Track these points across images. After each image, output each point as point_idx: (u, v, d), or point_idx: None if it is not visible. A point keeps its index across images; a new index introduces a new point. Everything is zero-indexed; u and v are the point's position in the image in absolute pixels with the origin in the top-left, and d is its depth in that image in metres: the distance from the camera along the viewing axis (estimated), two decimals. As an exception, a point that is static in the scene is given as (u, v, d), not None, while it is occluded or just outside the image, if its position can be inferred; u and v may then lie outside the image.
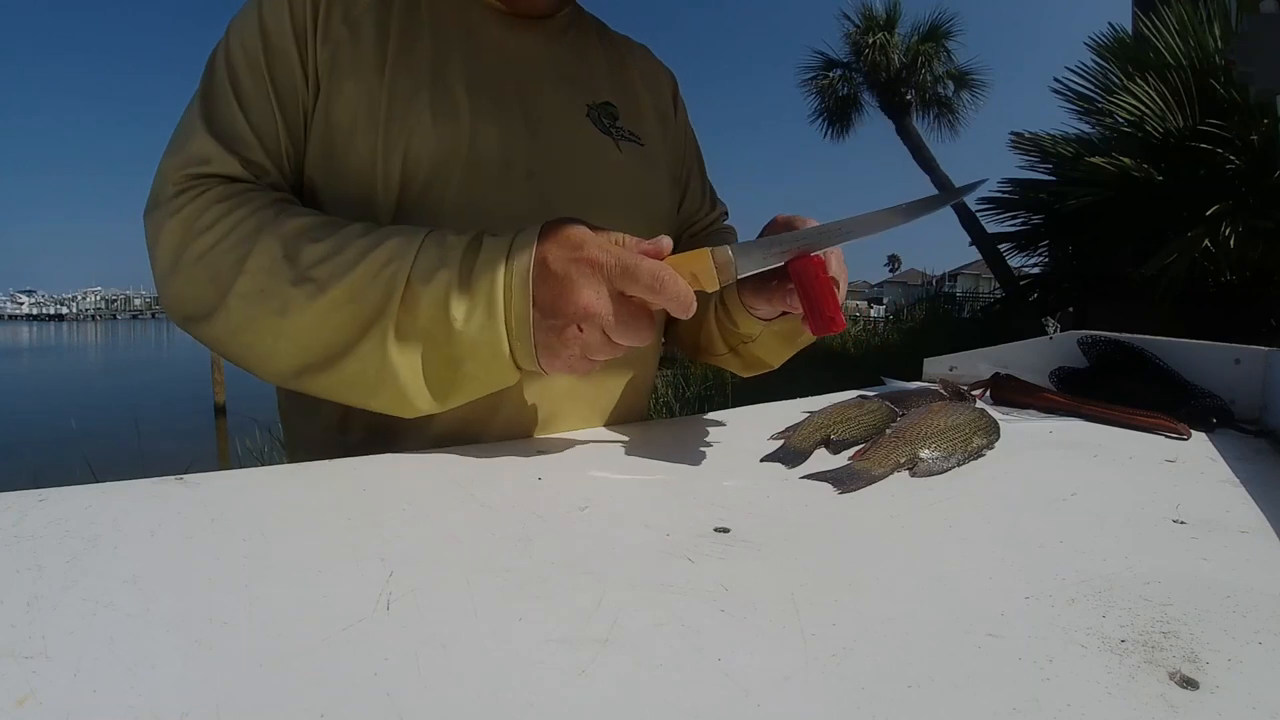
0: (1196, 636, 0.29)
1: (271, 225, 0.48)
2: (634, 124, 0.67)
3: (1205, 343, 0.84)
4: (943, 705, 0.23)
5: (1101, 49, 5.10)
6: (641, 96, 0.71)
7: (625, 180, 0.64)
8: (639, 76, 0.72)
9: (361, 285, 0.46)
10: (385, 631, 0.26)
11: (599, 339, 0.45)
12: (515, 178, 0.57)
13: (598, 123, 0.64)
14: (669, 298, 0.44)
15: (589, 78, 0.66)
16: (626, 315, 0.44)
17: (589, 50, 0.68)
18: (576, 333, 0.45)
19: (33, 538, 0.33)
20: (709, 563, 0.34)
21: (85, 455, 3.16)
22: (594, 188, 0.61)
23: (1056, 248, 6.00)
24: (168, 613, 0.27)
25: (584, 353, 0.46)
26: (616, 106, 0.66)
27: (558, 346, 0.46)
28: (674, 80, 0.78)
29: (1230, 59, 3.90)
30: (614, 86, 0.68)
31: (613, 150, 0.63)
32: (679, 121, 0.76)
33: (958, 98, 10.04)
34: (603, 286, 0.44)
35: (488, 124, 0.56)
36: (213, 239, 0.48)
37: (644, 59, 0.75)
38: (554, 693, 0.23)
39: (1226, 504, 0.47)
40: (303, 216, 0.49)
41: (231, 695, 0.22)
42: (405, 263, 0.46)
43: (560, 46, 0.65)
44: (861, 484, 0.47)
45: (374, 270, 0.46)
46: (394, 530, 0.36)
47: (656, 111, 0.72)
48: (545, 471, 0.48)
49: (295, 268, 0.46)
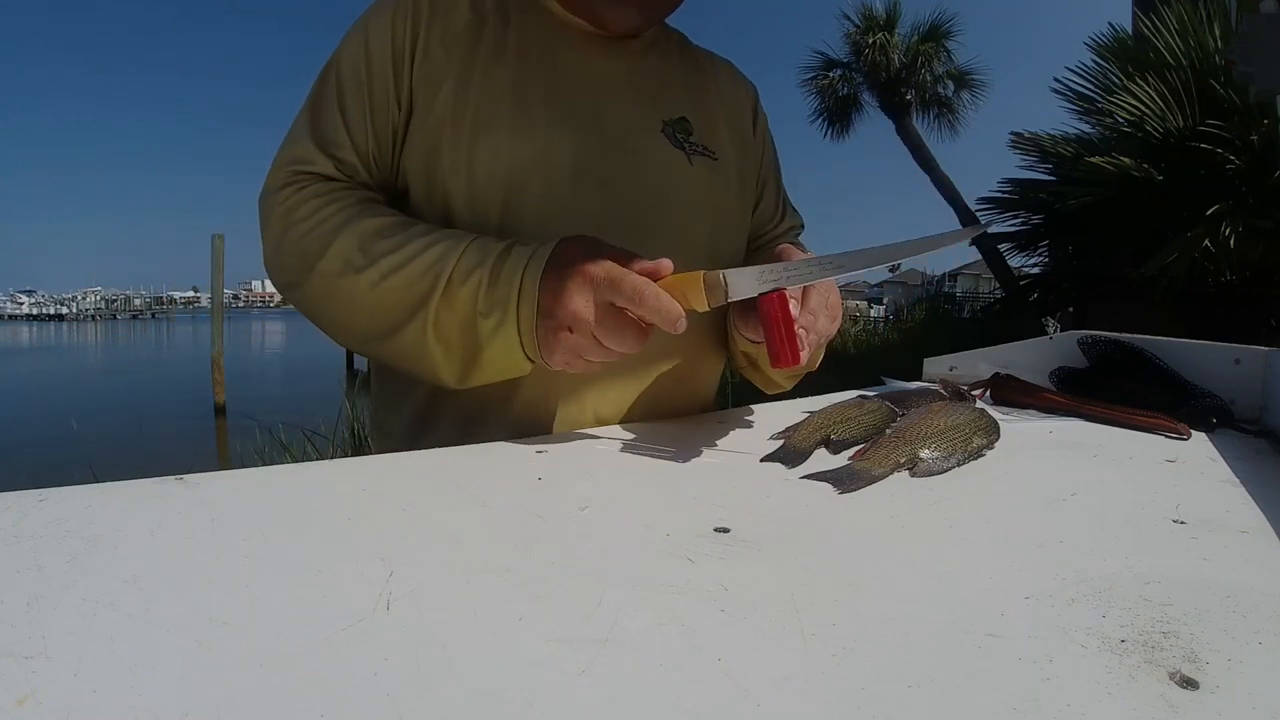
0: (1196, 636, 0.29)
1: (353, 221, 0.57)
2: (708, 139, 0.70)
3: (1205, 343, 0.84)
4: (943, 705, 0.23)
5: (1101, 49, 5.09)
6: (718, 112, 0.73)
7: (695, 192, 0.67)
8: (718, 92, 0.75)
9: (414, 277, 0.54)
10: (385, 631, 0.26)
11: (588, 342, 0.51)
12: (590, 186, 0.61)
13: (671, 138, 0.67)
14: (649, 310, 0.48)
15: (666, 94, 0.69)
16: (612, 323, 0.50)
17: (669, 68, 0.71)
18: (567, 334, 0.51)
19: (33, 538, 0.33)
20: (709, 563, 0.34)
21: (86, 455, 3.17)
22: (664, 198, 0.65)
23: (1056, 248, 5.99)
24: (168, 613, 0.27)
25: (576, 352, 0.52)
26: (691, 122, 0.69)
27: (553, 345, 0.52)
28: (754, 94, 0.80)
29: (1230, 59, 3.90)
30: (691, 103, 0.71)
31: (684, 163, 0.67)
32: (758, 135, 0.79)
33: (958, 98, 10.03)
34: (591, 295, 0.49)
35: (564, 136, 0.61)
36: (307, 227, 0.57)
37: (725, 74, 0.78)
38: (554, 693, 0.23)
39: (1226, 504, 0.47)
40: (380, 216, 0.57)
41: (231, 695, 0.22)
42: (449, 263, 0.53)
43: (641, 64, 0.69)
44: (861, 484, 0.47)
45: (425, 266, 0.54)
46: (394, 530, 0.36)
47: (733, 127, 0.75)
48: (545, 471, 0.48)
49: (366, 257, 0.55)
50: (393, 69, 0.60)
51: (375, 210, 0.58)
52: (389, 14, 0.61)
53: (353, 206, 0.58)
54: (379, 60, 0.60)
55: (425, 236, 0.55)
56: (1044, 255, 6.25)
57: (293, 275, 0.59)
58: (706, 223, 0.68)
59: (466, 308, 0.53)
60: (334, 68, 0.62)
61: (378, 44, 0.60)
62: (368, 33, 0.61)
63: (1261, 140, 3.96)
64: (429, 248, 0.54)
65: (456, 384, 0.57)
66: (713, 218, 0.69)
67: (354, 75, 0.61)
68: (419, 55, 0.60)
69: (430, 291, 0.53)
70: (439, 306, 0.54)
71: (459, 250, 0.54)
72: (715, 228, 0.69)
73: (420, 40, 0.60)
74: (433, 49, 0.60)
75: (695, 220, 0.67)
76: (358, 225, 0.56)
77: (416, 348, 0.55)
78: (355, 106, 0.60)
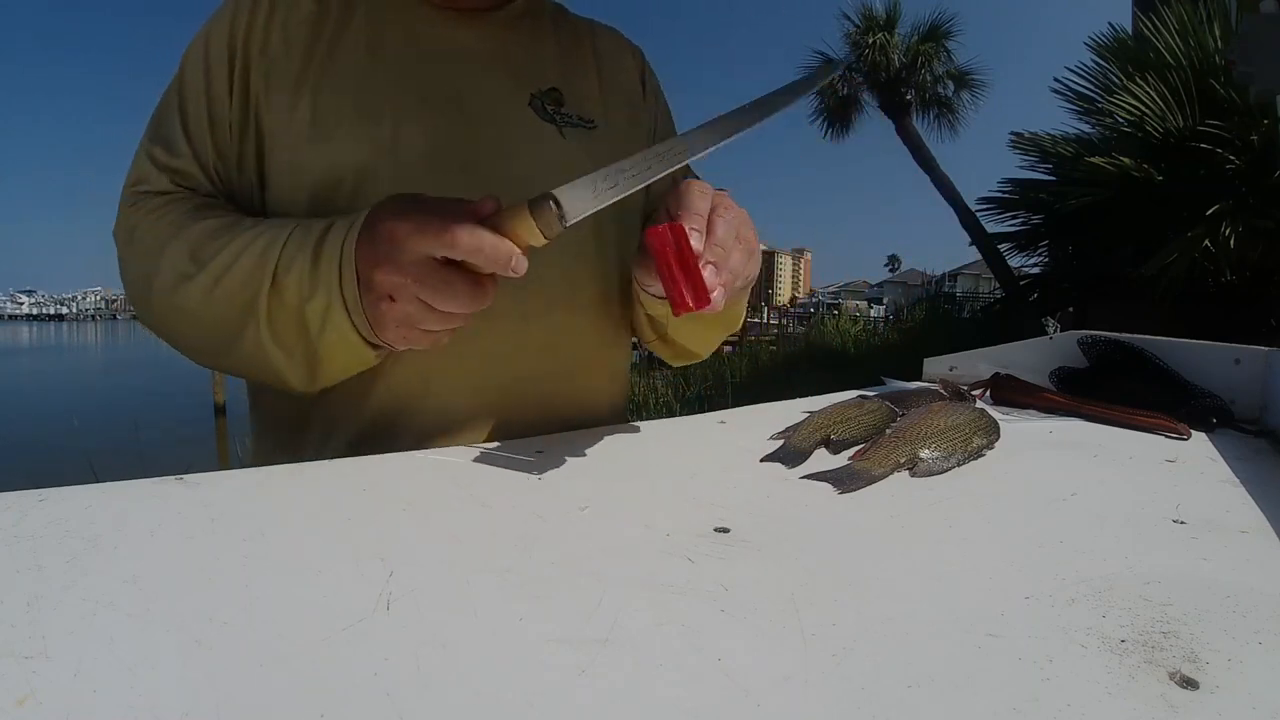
0: (1196, 636, 0.29)
1: (184, 229, 0.53)
2: (584, 108, 0.67)
3: (1205, 343, 0.84)
4: (943, 705, 0.23)
5: (1101, 49, 5.09)
6: (597, 80, 0.70)
7: (569, 164, 0.62)
8: (597, 59, 0.71)
9: (244, 277, 0.50)
10: (385, 631, 0.26)
11: (415, 308, 0.45)
12: (449, 172, 0.58)
13: (540, 110, 0.64)
14: (470, 252, 0.42)
15: (535, 66, 0.66)
16: (435, 280, 0.43)
17: (539, 39, 0.68)
18: (389, 303, 0.46)
19: (33, 538, 0.33)
20: (709, 563, 0.34)
21: (86, 455, 3.16)
22: (534, 174, 0.60)
23: (1056, 248, 5.99)
24: (168, 613, 0.27)
25: (408, 323, 0.46)
26: (563, 92, 0.66)
27: (382, 319, 0.46)
28: (641, 56, 0.77)
29: (1230, 59, 3.90)
30: (564, 72, 0.68)
31: (555, 136, 0.63)
32: (648, 96, 0.76)
33: (958, 98, 10.02)
34: (404, 254, 0.44)
35: (413, 123, 0.57)
36: (144, 246, 0.55)
37: (607, 40, 0.74)
38: (554, 693, 0.23)
39: (1226, 504, 0.47)
40: (211, 219, 0.53)
41: (231, 695, 0.22)
42: (274, 253, 0.49)
43: (507, 37, 0.65)
44: (861, 484, 0.47)
45: (252, 262, 0.50)
46: (394, 530, 0.36)
47: (619, 91, 0.72)
48: (545, 471, 0.48)
49: (196, 263, 0.51)
50: (229, 70, 0.57)
51: (208, 213, 0.55)
52: (229, 14, 0.58)
53: (186, 214, 0.54)
54: (217, 63, 0.57)
55: (251, 230, 0.51)
56: (1044, 255, 6.25)
57: (139, 299, 0.56)
58: None
59: (294, 297, 0.49)
60: (178, 76, 0.59)
61: (216, 46, 0.57)
62: (208, 36, 0.58)
63: (1261, 140, 3.96)
64: (254, 240, 0.50)
65: (306, 387, 0.53)
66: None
67: (194, 80, 0.58)
68: (256, 53, 0.57)
69: (259, 289, 0.49)
70: (269, 302, 0.49)
71: (283, 238, 0.50)
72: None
73: (258, 37, 0.57)
74: (272, 45, 0.57)
75: None
76: (187, 231, 0.53)
77: (258, 352, 0.51)
78: (195, 113, 0.57)
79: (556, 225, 0.43)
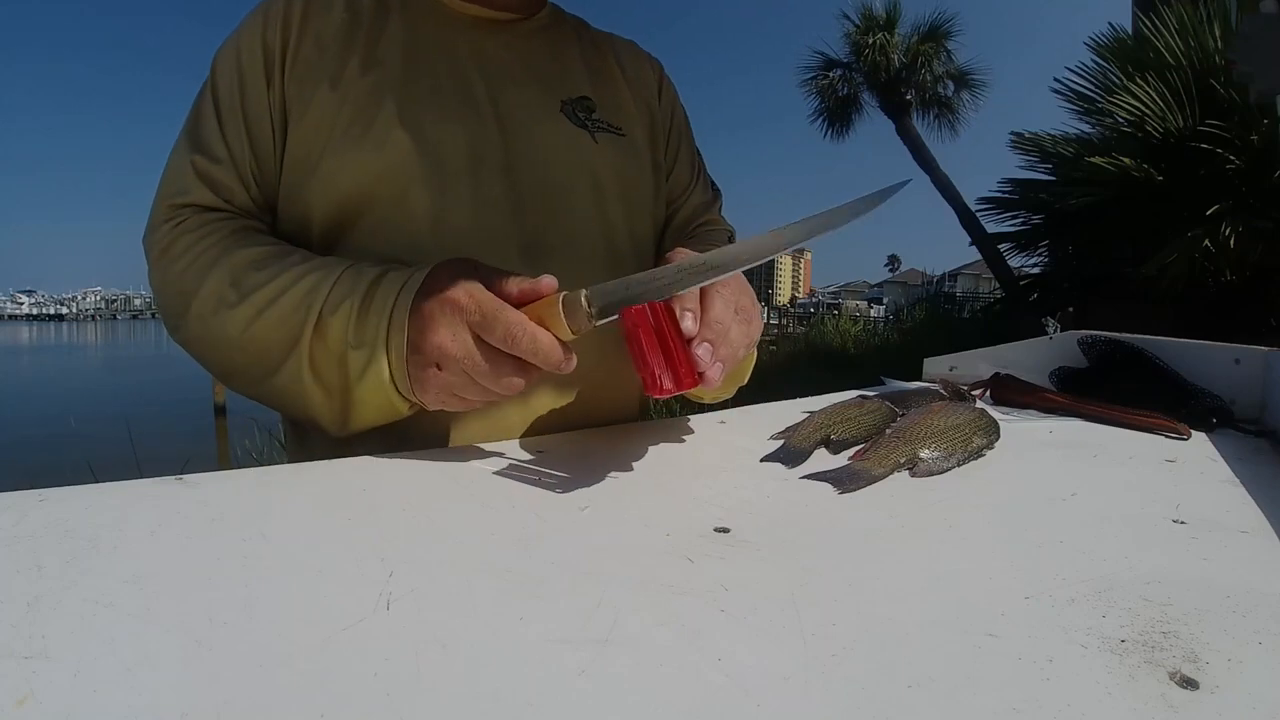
0: (1196, 636, 0.29)
1: (227, 254, 0.54)
2: (613, 116, 0.69)
3: (1205, 343, 0.84)
4: (943, 705, 0.23)
5: (1101, 49, 5.09)
6: (622, 89, 0.72)
7: (603, 169, 0.65)
8: (621, 70, 0.74)
9: (287, 312, 0.50)
10: (385, 631, 0.26)
11: (462, 380, 0.46)
12: (489, 174, 0.59)
13: (572, 116, 0.66)
14: (526, 354, 0.43)
15: (564, 74, 0.68)
16: (490, 363, 0.44)
17: (566, 48, 0.70)
18: (436, 372, 0.46)
19: (33, 538, 0.33)
20: (709, 563, 0.34)
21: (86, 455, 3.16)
22: (569, 178, 0.63)
23: (1056, 248, 5.99)
24: (168, 613, 0.27)
25: (450, 391, 0.47)
26: (593, 100, 0.68)
27: (424, 383, 0.47)
28: (659, 67, 0.79)
29: (1230, 59, 3.90)
30: (592, 81, 0.69)
31: (588, 141, 0.65)
32: (664, 103, 0.77)
33: (958, 98, 10.03)
34: (462, 329, 0.44)
35: (454, 125, 0.59)
36: (183, 264, 0.55)
37: (627, 52, 0.76)
38: (554, 693, 0.23)
39: (1226, 504, 0.47)
40: (255, 247, 0.54)
41: (231, 695, 0.22)
42: (321, 294, 0.50)
43: (536, 47, 0.67)
44: (861, 484, 0.47)
45: (298, 299, 0.50)
46: (394, 530, 0.36)
47: (640, 100, 0.73)
48: (545, 471, 0.48)
49: (239, 292, 0.52)
50: (265, 79, 0.58)
51: (250, 240, 0.55)
52: (260, 22, 0.59)
53: (228, 238, 0.55)
54: (251, 71, 0.58)
55: (299, 267, 0.52)
56: (1044, 255, 6.24)
57: (173, 316, 0.56)
58: (618, 200, 0.66)
59: (338, 343, 0.49)
60: (210, 84, 0.60)
61: (249, 55, 0.58)
62: (239, 44, 0.59)
63: (1261, 140, 3.96)
64: (301, 278, 0.51)
65: (337, 430, 0.53)
66: (624, 194, 0.67)
67: (228, 90, 0.58)
68: (289, 61, 0.58)
69: (303, 326, 0.50)
70: (313, 342, 0.50)
71: (331, 280, 0.50)
72: (628, 204, 0.67)
73: (291, 46, 0.58)
74: (304, 53, 0.58)
75: (606, 198, 0.65)
76: (230, 258, 0.53)
77: (295, 388, 0.52)
78: (232, 122, 0.58)
79: (585, 323, 0.43)
